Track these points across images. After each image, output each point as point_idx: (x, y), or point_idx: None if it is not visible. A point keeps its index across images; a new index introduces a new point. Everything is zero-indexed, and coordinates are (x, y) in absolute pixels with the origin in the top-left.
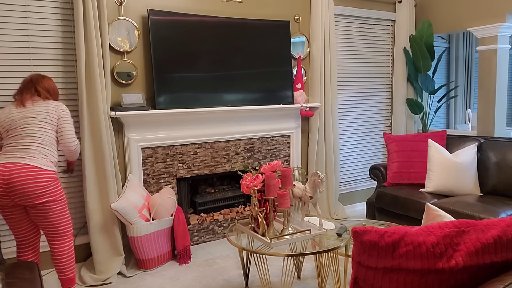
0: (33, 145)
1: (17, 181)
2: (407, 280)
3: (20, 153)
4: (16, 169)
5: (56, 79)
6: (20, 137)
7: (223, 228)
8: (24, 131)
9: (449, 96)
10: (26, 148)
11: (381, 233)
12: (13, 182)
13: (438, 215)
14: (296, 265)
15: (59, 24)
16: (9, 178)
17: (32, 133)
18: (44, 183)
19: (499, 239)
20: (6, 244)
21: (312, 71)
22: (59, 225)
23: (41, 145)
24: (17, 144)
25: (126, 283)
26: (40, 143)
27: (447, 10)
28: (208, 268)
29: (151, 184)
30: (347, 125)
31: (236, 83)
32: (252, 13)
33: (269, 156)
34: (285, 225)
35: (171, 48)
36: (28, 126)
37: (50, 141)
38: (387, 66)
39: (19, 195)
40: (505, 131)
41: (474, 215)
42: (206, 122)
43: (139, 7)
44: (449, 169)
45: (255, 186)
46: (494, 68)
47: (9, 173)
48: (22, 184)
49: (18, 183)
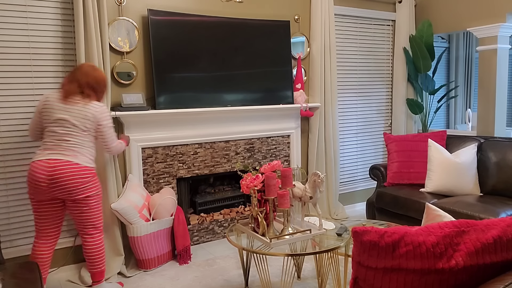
0: (70, 145)
1: (60, 176)
2: (407, 280)
3: (61, 150)
4: (59, 164)
5: (56, 79)
6: (59, 137)
7: (223, 228)
8: (62, 135)
9: (449, 96)
10: (65, 147)
11: (381, 233)
12: (57, 177)
13: (438, 215)
14: (296, 265)
15: (59, 24)
16: (53, 173)
17: (69, 137)
18: (85, 179)
19: (499, 239)
20: (6, 244)
21: (312, 71)
22: (94, 219)
23: (78, 145)
24: (56, 143)
25: (126, 283)
26: (77, 143)
27: (447, 10)
28: (208, 268)
29: (151, 184)
30: (347, 125)
31: (236, 83)
32: (252, 13)
33: (269, 156)
34: (285, 225)
35: (171, 48)
36: (64, 130)
37: (87, 143)
38: (387, 66)
39: (61, 190)
40: (505, 131)
41: (474, 215)
42: (206, 122)
43: (139, 7)
44: (449, 169)
45: (255, 186)
46: (494, 68)
47: (53, 168)
48: (65, 179)
49: (61, 178)
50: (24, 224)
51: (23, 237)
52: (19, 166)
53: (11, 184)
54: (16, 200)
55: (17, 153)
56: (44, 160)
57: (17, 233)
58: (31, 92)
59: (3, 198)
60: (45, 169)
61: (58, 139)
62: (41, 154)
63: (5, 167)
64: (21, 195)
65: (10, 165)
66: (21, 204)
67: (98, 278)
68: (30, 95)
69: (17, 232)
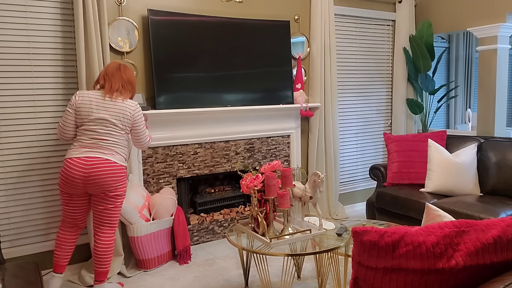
0: (108, 144)
1: (98, 173)
2: (407, 280)
3: (98, 148)
4: (98, 162)
5: (56, 79)
6: (97, 136)
7: (223, 228)
8: (101, 135)
9: (449, 96)
10: (103, 146)
11: (381, 233)
12: (94, 175)
13: (438, 215)
14: (296, 265)
15: (59, 24)
16: (91, 171)
17: (108, 136)
18: (119, 176)
19: (499, 239)
20: (6, 244)
21: (312, 71)
22: (113, 219)
23: (115, 144)
24: (93, 142)
25: (126, 283)
26: (114, 142)
27: (447, 10)
28: (208, 268)
29: (151, 184)
30: (347, 125)
31: (236, 83)
32: (252, 13)
33: (269, 156)
34: (285, 225)
35: (171, 48)
36: (104, 129)
37: (122, 142)
38: (387, 66)
39: (96, 186)
40: (505, 131)
41: (474, 215)
42: (206, 122)
43: (139, 7)
44: (449, 169)
45: (255, 186)
46: (494, 68)
47: (90, 166)
48: (103, 177)
49: (98, 176)
50: (24, 224)
51: (23, 237)
52: (19, 166)
53: (11, 184)
54: (16, 200)
55: (17, 153)
56: (83, 157)
57: (17, 233)
58: (31, 92)
59: (3, 198)
60: (83, 167)
61: (96, 138)
62: (77, 152)
63: (5, 167)
64: (21, 195)
65: (10, 165)
66: (21, 204)
67: (102, 278)
68: (30, 95)
69: (17, 232)
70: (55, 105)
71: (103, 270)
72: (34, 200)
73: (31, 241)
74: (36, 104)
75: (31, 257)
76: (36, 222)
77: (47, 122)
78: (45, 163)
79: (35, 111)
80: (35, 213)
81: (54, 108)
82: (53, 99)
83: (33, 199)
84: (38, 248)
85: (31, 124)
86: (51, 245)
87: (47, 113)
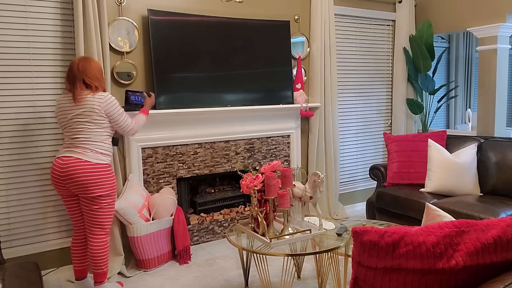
0: (82, 143)
1: (71, 173)
2: (407, 280)
3: (73, 147)
4: (70, 162)
5: (56, 79)
6: (72, 134)
7: (223, 228)
8: (75, 133)
9: (449, 96)
10: (76, 144)
11: (381, 233)
12: (68, 175)
13: (438, 215)
14: (296, 265)
15: (59, 24)
16: (65, 171)
17: (80, 134)
18: (95, 176)
19: (499, 239)
20: (6, 244)
21: (312, 71)
22: (103, 220)
23: (87, 140)
24: (70, 141)
25: (126, 283)
26: (86, 138)
27: (447, 10)
28: (208, 268)
29: (151, 184)
30: (347, 125)
31: (236, 83)
32: (252, 13)
33: (269, 156)
34: (285, 225)
35: (171, 48)
36: (77, 128)
37: (97, 138)
38: (387, 66)
39: (74, 187)
40: (505, 131)
41: (474, 215)
42: (206, 122)
43: (139, 7)
44: (449, 169)
45: (255, 186)
46: (494, 68)
47: (65, 165)
48: (76, 177)
49: (72, 176)
50: (24, 224)
51: (23, 237)
52: (19, 166)
53: (11, 184)
54: (16, 200)
55: (17, 153)
56: (61, 157)
57: (17, 233)
58: (31, 92)
59: (3, 198)
60: (60, 166)
61: (72, 137)
62: (60, 152)
63: (5, 167)
64: (21, 195)
65: (10, 165)
66: (21, 204)
67: (100, 279)
68: (30, 95)
69: (17, 232)
70: (55, 105)
71: (100, 271)
72: (34, 200)
73: (31, 241)
74: (36, 104)
75: (31, 257)
76: (36, 222)
77: (47, 122)
78: (45, 163)
79: (35, 111)
80: (35, 213)
81: (54, 108)
82: (53, 99)
83: (33, 199)
84: (38, 248)
85: (31, 124)
86: (51, 245)
87: (47, 113)
